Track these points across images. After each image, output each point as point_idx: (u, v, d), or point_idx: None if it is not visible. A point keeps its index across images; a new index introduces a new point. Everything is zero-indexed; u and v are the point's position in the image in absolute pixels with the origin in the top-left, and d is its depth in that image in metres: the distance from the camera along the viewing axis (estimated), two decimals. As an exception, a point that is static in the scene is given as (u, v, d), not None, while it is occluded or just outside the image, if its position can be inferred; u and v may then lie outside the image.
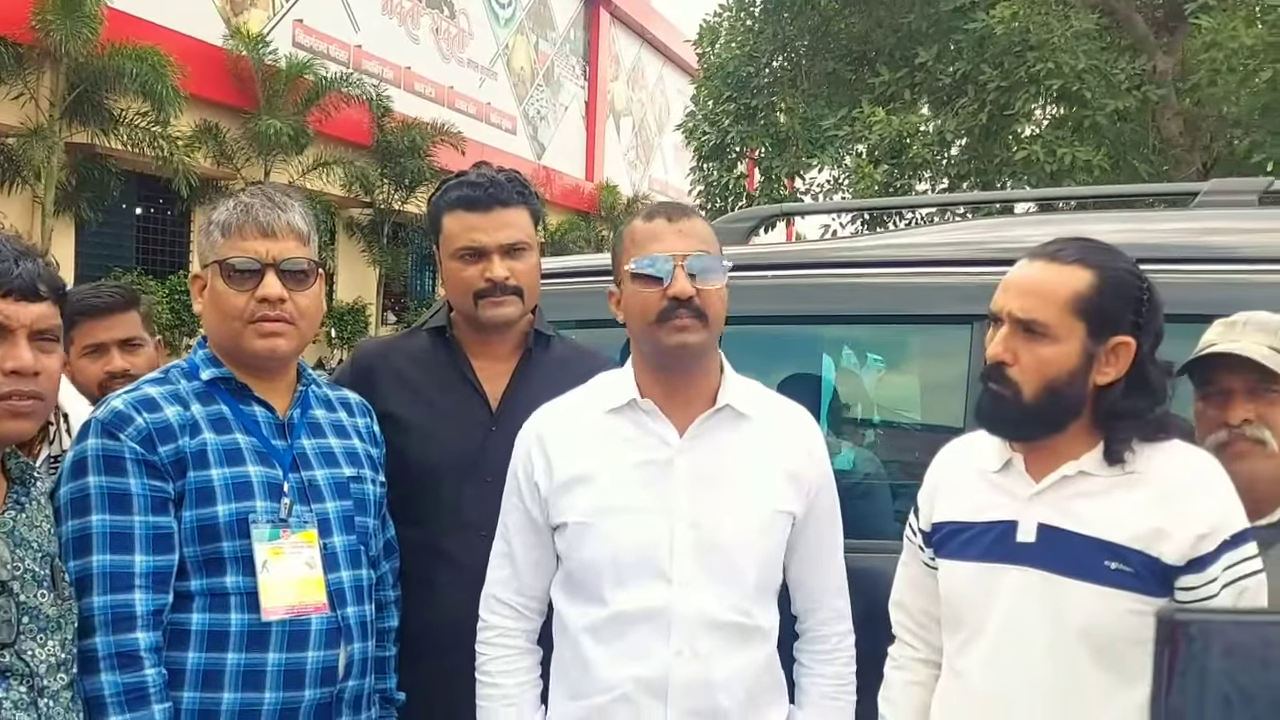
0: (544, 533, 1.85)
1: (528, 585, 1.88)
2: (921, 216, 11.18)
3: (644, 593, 1.75)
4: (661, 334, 1.76)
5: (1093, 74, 9.95)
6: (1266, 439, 1.72)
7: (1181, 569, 1.54)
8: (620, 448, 1.81)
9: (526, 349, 2.17)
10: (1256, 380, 1.73)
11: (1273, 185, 2.50)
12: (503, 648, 1.88)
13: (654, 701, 1.74)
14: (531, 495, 1.85)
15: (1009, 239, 2.36)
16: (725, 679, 1.75)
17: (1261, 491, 1.73)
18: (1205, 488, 1.58)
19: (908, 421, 3.21)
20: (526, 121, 22.11)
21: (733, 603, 1.76)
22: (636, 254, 1.78)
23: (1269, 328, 1.76)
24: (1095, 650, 1.57)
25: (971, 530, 1.70)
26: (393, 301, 18.71)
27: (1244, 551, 1.56)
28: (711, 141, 12.69)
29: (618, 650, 1.76)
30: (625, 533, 1.77)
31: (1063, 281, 1.59)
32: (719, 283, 1.78)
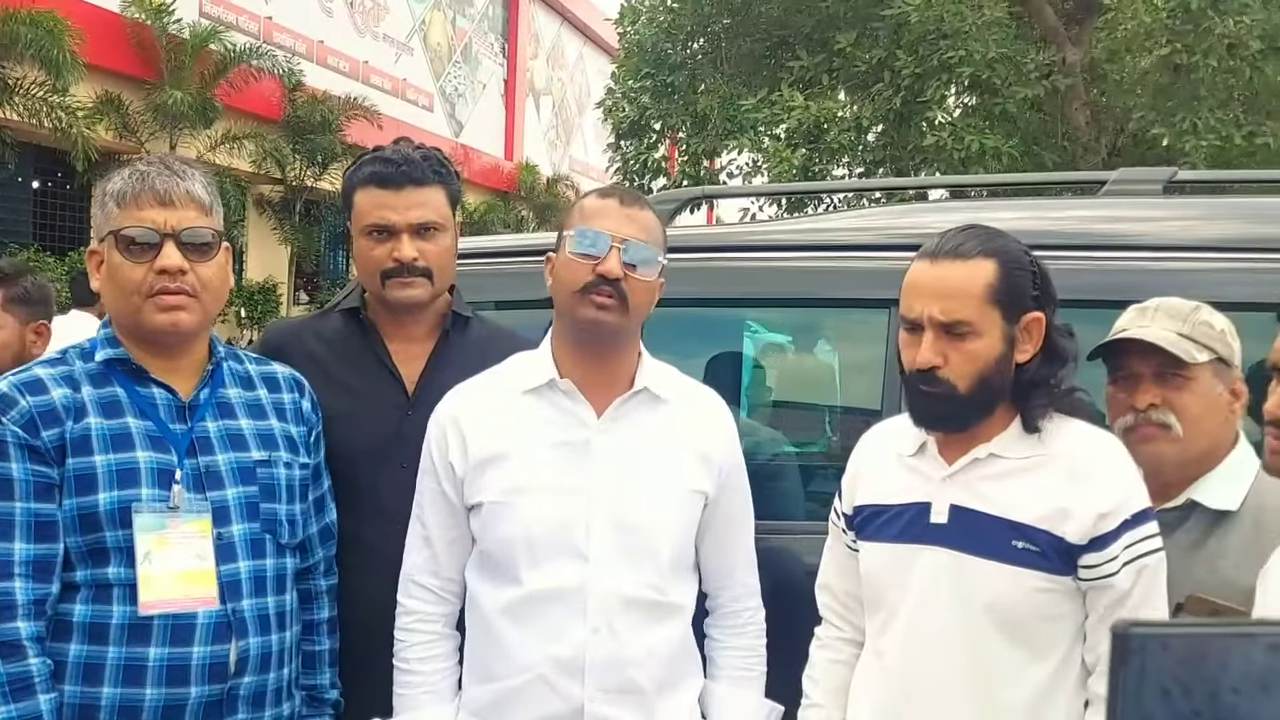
0: (460, 514, 1.84)
1: (445, 567, 1.86)
2: (839, 201, 11.35)
3: (560, 572, 1.75)
4: (580, 306, 1.76)
5: (1004, 63, 10.17)
6: (1171, 423, 1.76)
7: (1084, 547, 1.59)
8: (537, 427, 1.80)
9: (444, 331, 2.12)
10: (1163, 366, 1.77)
11: (1176, 174, 2.57)
12: (422, 633, 1.85)
13: (570, 681, 1.74)
14: (447, 475, 1.83)
15: (925, 224, 2.38)
16: (641, 656, 1.77)
17: (1167, 475, 1.78)
18: (1107, 469, 1.62)
19: (826, 404, 3.24)
20: (444, 99, 21.77)
21: (648, 581, 1.78)
22: (580, 225, 1.78)
23: (1178, 314, 1.80)
24: (1004, 627, 1.61)
25: (889, 513, 1.73)
26: (305, 281, 18.30)
27: (1144, 530, 1.60)
28: (630, 119, 12.67)
29: (533, 630, 1.75)
30: (541, 512, 1.76)
31: (973, 277, 1.62)
32: (650, 275, 1.79)
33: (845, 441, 1.93)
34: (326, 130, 15.68)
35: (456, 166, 2.22)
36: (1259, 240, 2.28)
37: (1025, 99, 10.28)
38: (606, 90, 13.70)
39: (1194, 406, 1.76)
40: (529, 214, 21.39)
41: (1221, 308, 1.84)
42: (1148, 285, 2.01)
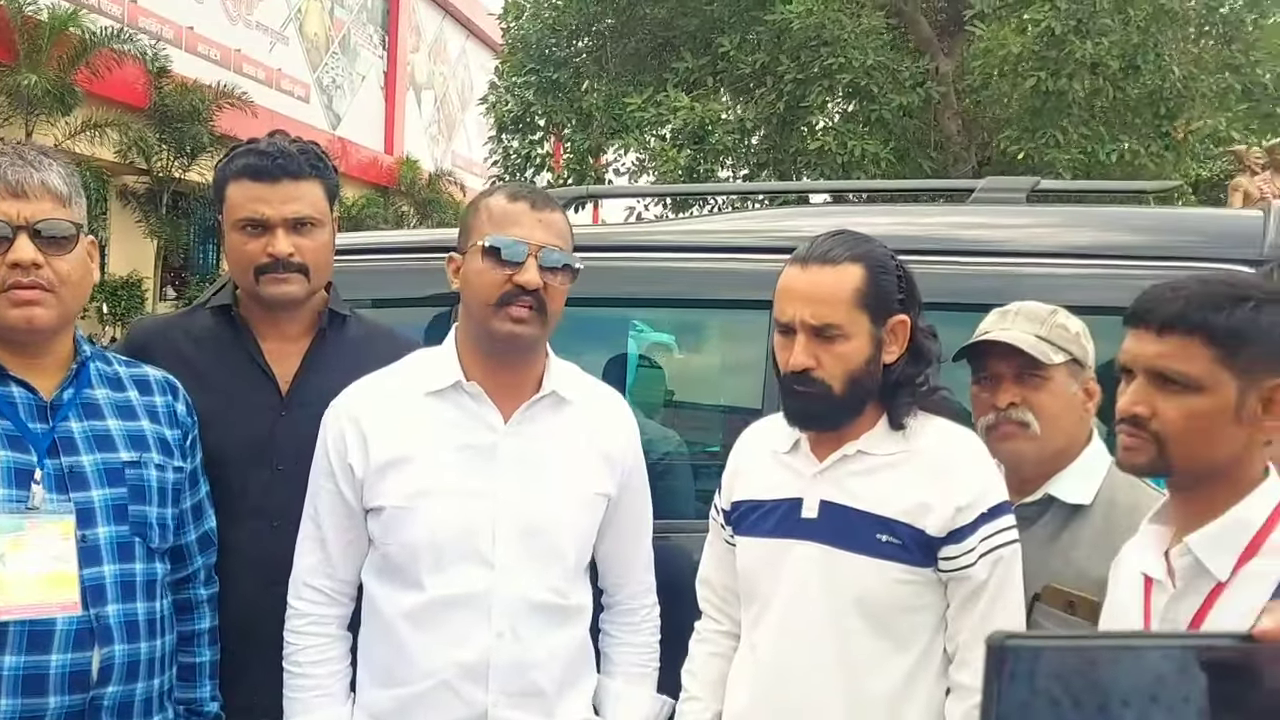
0: (357, 516, 1.80)
1: (340, 570, 1.83)
2: (723, 203, 11.51)
3: (465, 577, 1.74)
4: (496, 319, 1.74)
5: (881, 71, 10.48)
6: (1030, 421, 1.83)
7: (943, 540, 1.66)
8: (443, 430, 1.77)
9: (320, 329, 2.06)
10: (1022, 367, 1.84)
11: (1039, 184, 2.69)
12: (315, 635, 1.82)
13: (474, 686, 1.73)
14: (345, 477, 1.79)
15: (805, 228, 2.44)
16: (543, 659, 1.77)
17: (1027, 471, 1.86)
18: (966, 464, 1.70)
19: (710, 403, 3.29)
20: (321, 90, 21.20)
21: (551, 584, 1.79)
22: (493, 231, 1.74)
23: (1036, 317, 1.88)
24: (869, 619, 1.67)
25: (763, 508, 1.78)
26: (172, 276, 17.59)
27: (1000, 523, 1.67)
28: (513, 113, 12.59)
29: (437, 636, 1.74)
30: (446, 516, 1.74)
31: (842, 282, 1.67)
32: (568, 281, 1.78)
33: (729, 440, 1.96)
34: (196, 119, 15.10)
35: (334, 160, 2.16)
36: (1111, 248, 2.41)
37: (901, 106, 10.61)
38: (490, 85, 13.57)
39: (1051, 405, 1.84)
40: (410, 209, 21.01)
41: (1077, 311, 1.94)
42: (1013, 290, 2.11)
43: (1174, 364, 1.39)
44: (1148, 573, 1.47)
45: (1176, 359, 1.39)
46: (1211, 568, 1.39)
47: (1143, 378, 1.42)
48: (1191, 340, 1.39)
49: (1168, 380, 1.40)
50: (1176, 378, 1.39)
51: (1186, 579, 1.41)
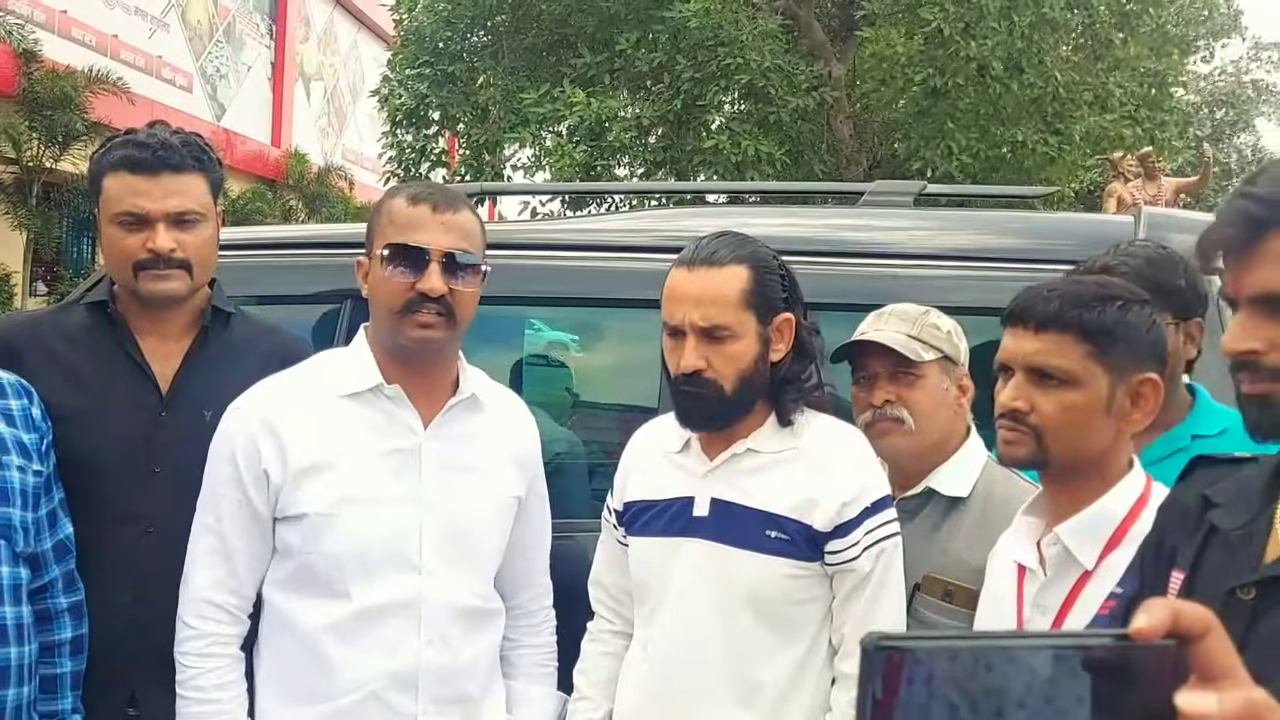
0: (266, 525, 1.73)
1: (244, 584, 1.74)
2: (620, 200, 11.55)
3: (394, 585, 1.70)
4: (404, 326, 1.69)
5: (776, 73, 10.65)
6: (905, 418, 1.90)
7: (829, 534, 1.70)
8: (364, 435, 1.73)
9: (202, 327, 1.98)
10: (896, 365, 1.91)
11: (925, 188, 2.78)
12: (219, 657, 1.73)
13: (404, 696, 1.70)
14: (257, 485, 1.70)
15: (701, 228, 2.46)
16: (469, 664, 1.77)
17: (905, 465, 1.92)
18: (850, 460, 1.75)
19: (605, 402, 3.29)
20: (204, 79, 20.46)
21: (475, 589, 1.78)
22: (395, 237, 1.69)
23: (909, 317, 1.95)
24: (758, 613, 1.71)
25: (655, 508, 1.80)
26: (43, 270, 16.76)
27: (883, 517, 1.73)
28: (406, 107, 12.36)
29: (364, 647, 1.69)
30: (373, 524, 1.70)
31: (728, 283, 1.70)
32: (475, 284, 1.73)
33: (626, 439, 1.97)
34: (68, 107, 14.41)
35: (218, 152, 2.09)
36: (991, 250, 2.50)
37: (796, 109, 10.80)
38: (383, 78, 13.31)
39: (924, 402, 1.91)
40: (298, 204, 20.45)
41: (962, 312, 2.01)
42: (897, 291, 2.17)
43: (1050, 360, 1.47)
44: (1021, 561, 1.55)
45: (1052, 355, 1.47)
46: (1079, 556, 1.47)
47: (1021, 374, 1.49)
48: (1066, 337, 1.46)
49: (1045, 376, 1.47)
50: (1053, 373, 1.47)
51: (1056, 567, 1.49)
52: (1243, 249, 1.06)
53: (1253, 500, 1.13)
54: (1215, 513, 1.15)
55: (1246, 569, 1.08)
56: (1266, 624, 1.04)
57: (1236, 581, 1.08)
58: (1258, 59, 20.24)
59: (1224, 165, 20.07)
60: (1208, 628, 0.53)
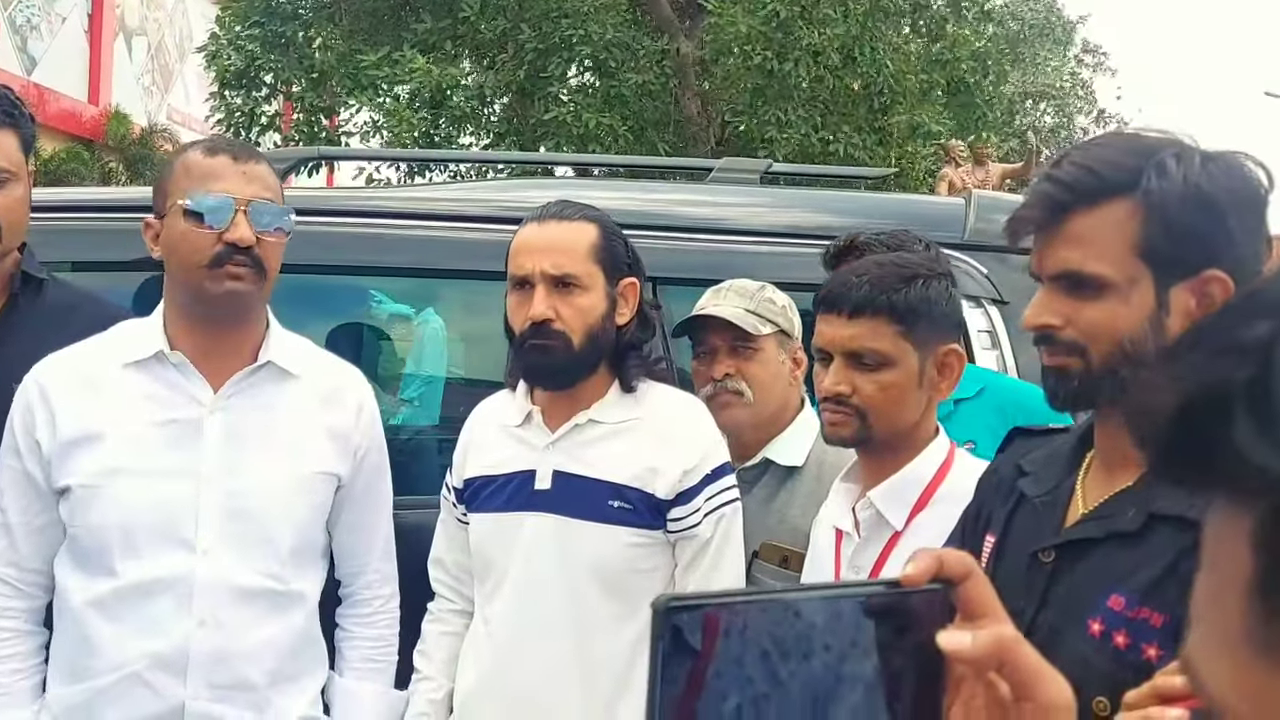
0: (47, 497, 1.65)
1: (27, 557, 1.67)
2: (465, 170, 11.35)
3: (162, 561, 1.63)
4: (210, 281, 1.62)
5: (619, 47, 10.65)
6: (744, 390, 1.96)
7: (671, 502, 1.73)
8: (139, 404, 1.65)
9: (11, 294, 1.87)
10: (735, 339, 1.96)
11: (771, 167, 2.85)
12: None
13: (170, 678, 1.62)
14: (32, 454, 1.64)
15: (548, 199, 2.46)
16: (253, 649, 1.67)
17: (745, 438, 1.97)
18: (691, 428, 1.78)
19: (451, 376, 3.25)
20: (14, 30, 18.93)
21: (264, 569, 1.69)
22: (192, 189, 1.62)
23: (746, 292, 2.00)
24: (604, 584, 1.72)
25: (495, 483, 1.79)
26: None
27: (723, 484, 1.78)
28: (236, 68, 11.78)
29: (129, 625, 1.62)
30: (141, 497, 1.63)
31: (579, 236, 1.72)
32: (281, 237, 1.68)
33: (467, 413, 1.95)
34: None
35: (29, 108, 1.95)
36: (829, 229, 2.59)
37: (639, 84, 10.84)
38: (210, 36, 12.63)
39: (762, 375, 1.97)
40: (119, 165, 19.25)
41: (801, 288, 2.07)
42: (738, 266, 2.22)
43: (867, 343, 1.54)
44: (838, 525, 1.63)
45: (868, 339, 1.54)
46: (890, 518, 1.56)
47: (840, 359, 1.56)
48: (878, 320, 1.54)
49: (861, 359, 1.55)
50: (870, 356, 1.54)
51: (869, 529, 1.58)
52: (1046, 229, 1.14)
53: (1058, 470, 1.22)
54: (1024, 481, 1.24)
55: (1049, 533, 1.17)
56: (1064, 583, 1.14)
57: (1038, 545, 1.17)
58: (1086, 62, 21.53)
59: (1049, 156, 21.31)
60: (968, 572, 0.57)
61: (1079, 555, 1.13)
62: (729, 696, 0.53)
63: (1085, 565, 1.12)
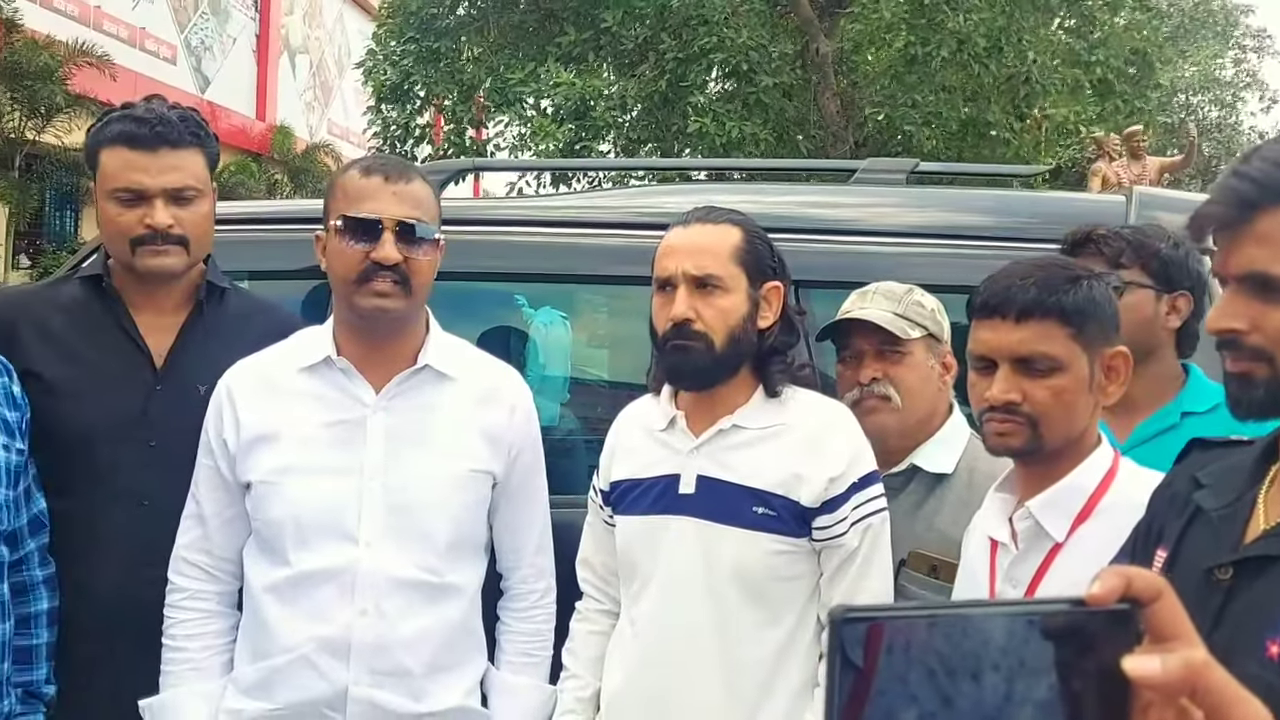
0: (235, 492, 1.78)
1: (219, 546, 1.81)
2: (603, 178, 11.50)
3: (328, 553, 1.73)
4: (359, 295, 1.72)
5: (757, 50, 10.60)
6: (891, 395, 1.92)
7: (816, 510, 1.71)
8: (310, 406, 1.76)
9: (197, 302, 2.00)
10: (882, 343, 1.93)
11: (918, 166, 2.79)
12: (192, 610, 1.80)
13: (335, 662, 1.72)
14: (221, 453, 1.78)
15: (690, 205, 2.48)
16: (410, 638, 1.75)
17: (891, 443, 1.93)
18: (837, 435, 1.76)
19: (594, 379, 3.31)
20: (189, 51, 20.23)
21: (421, 562, 1.76)
22: (347, 208, 1.72)
23: (893, 295, 1.97)
24: (746, 590, 1.72)
25: (641, 486, 1.80)
26: (25, 244, 16.59)
27: (870, 492, 1.74)
28: (391, 82, 12.27)
29: (299, 610, 1.72)
30: (310, 493, 1.73)
31: (722, 238, 1.73)
32: (430, 253, 1.76)
33: (611, 416, 1.98)
34: (49, 78, 14.22)
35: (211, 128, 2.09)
36: (984, 229, 2.52)
37: (778, 86, 10.76)
38: (368, 52, 13.20)
39: (910, 379, 1.93)
40: (283, 178, 20.28)
41: (957, 291, 2.02)
42: (890, 269, 2.19)
43: (1037, 348, 1.48)
44: (993, 536, 1.57)
45: (1039, 343, 1.48)
46: (1050, 529, 1.50)
47: (1007, 366, 1.50)
48: (1048, 323, 1.48)
49: (1032, 364, 1.49)
50: (1040, 361, 1.48)
51: (1028, 541, 1.52)
52: (1232, 227, 1.07)
53: (1238, 482, 1.15)
54: (1201, 493, 1.17)
55: (1226, 549, 1.11)
56: (1241, 602, 1.07)
57: (1215, 561, 1.10)
58: (1249, 46, 20.25)
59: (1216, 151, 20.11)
60: (1158, 593, 0.55)
61: (1258, 572, 1.07)
62: (895, 713, 0.52)
63: (1265, 583, 1.06)
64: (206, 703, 1.78)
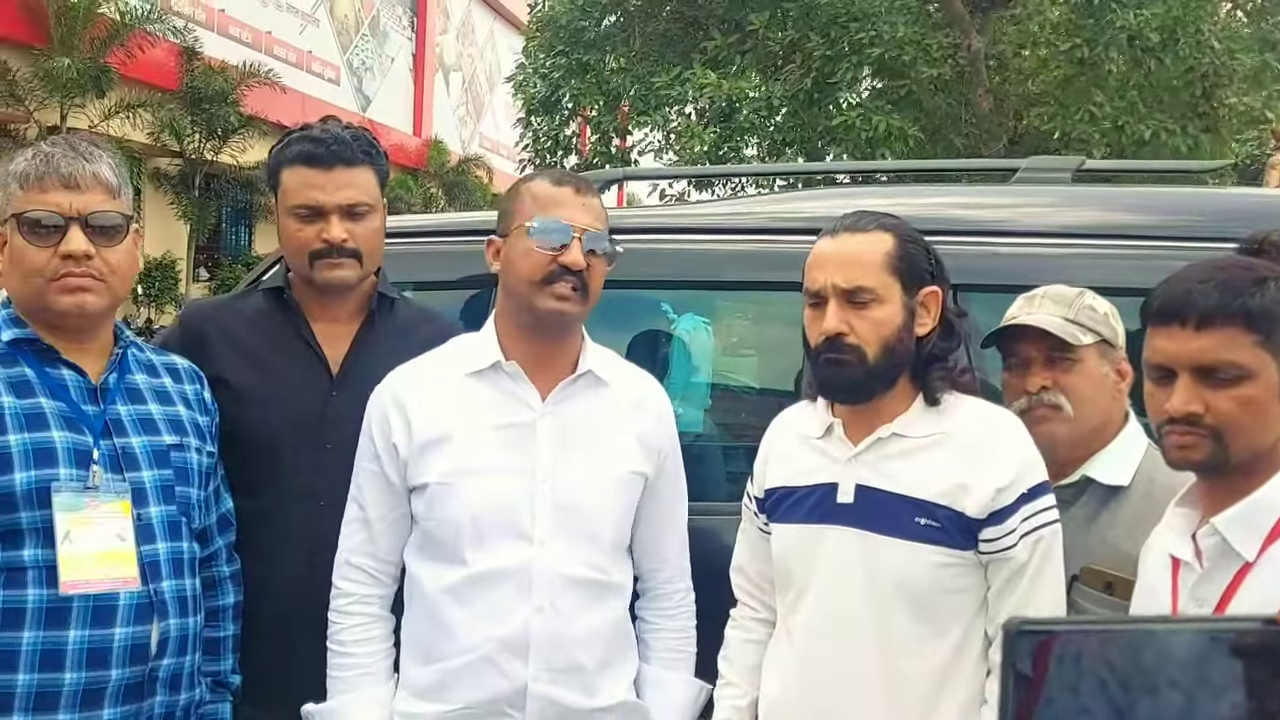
0: (400, 495, 1.84)
1: (383, 549, 1.86)
2: (747, 182, 11.46)
3: (505, 552, 1.77)
4: (540, 296, 1.78)
5: (912, 44, 10.37)
6: (1062, 404, 1.84)
7: (983, 521, 1.65)
8: (481, 410, 1.81)
9: (369, 312, 2.10)
10: (1052, 350, 1.85)
11: (1084, 164, 2.67)
12: (358, 615, 1.85)
13: (515, 660, 1.76)
14: (389, 456, 1.82)
15: (847, 208, 2.44)
16: (584, 635, 1.79)
17: (1062, 454, 1.85)
18: (1003, 444, 1.69)
19: (744, 386, 3.29)
20: (351, 72, 21.25)
21: (591, 560, 1.81)
22: (538, 214, 1.79)
23: (1063, 299, 1.89)
24: (909, 603, 1.67)
25: (797, 494, 1.78)
26: (204, 257, 17.74)
27: (1041, 503, 1.67)
28: (541, 95, 12.57)
29: (477, 610, 1.76)
30: (486, 493, 1.78)
31: (872, 247, 1.68)
32: (608, 262, 1.83)
33: (762, 423, 1.97)
34: (224, 101, 15.16)
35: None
36: (1161, 229, 2.38)
37: (931, 80, 10.49)
38: (518, 66, 13.55)
39: (1083, 387, 1.85)
40: (438, 191, 21.03)
41: (1133, 294, 1.93)
42: (1059, 271, 2.10)
43: (1222, 355, 1.39)
44: (1175, 554, 1.48)
45: (1223, 350, 1.39)
46: (1239, 548, 1.39)
47: (1187, 375, 1.41)
48: (1232, 329, 1.38)
49: (1215, 373, 1.39)
50: (1225, 370, 1.39)
51: (1214, 559, 1.42)
52: None
53: None
54: None
55: None
56: None
57: None
58: None
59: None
60: None
61: None
62: None
63: None
64: (379, 708, 1.82)
